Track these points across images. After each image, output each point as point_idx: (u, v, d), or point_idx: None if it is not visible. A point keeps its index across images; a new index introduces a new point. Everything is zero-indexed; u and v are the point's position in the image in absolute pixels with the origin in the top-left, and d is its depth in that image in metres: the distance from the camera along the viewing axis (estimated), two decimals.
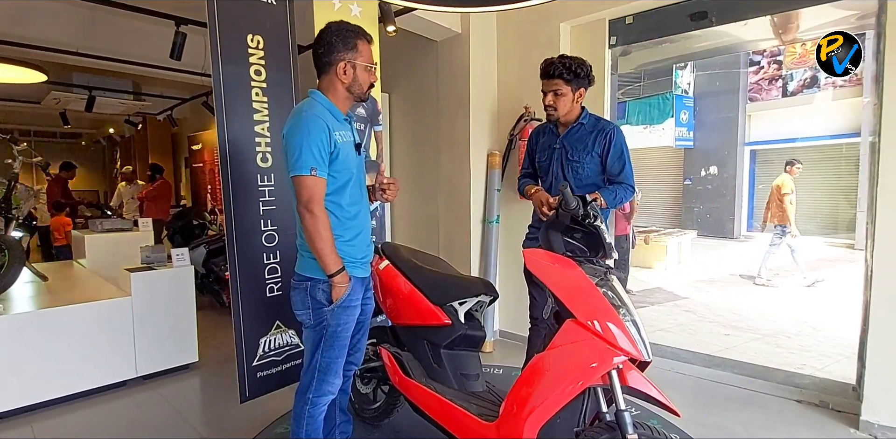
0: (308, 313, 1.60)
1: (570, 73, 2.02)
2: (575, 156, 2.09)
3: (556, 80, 2.03)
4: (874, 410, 2.19)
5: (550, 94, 2.07)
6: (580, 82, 2.05)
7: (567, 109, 2.08)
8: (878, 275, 2.18)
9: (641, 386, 1.40)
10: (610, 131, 2.06)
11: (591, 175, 2.09)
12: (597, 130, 2.09)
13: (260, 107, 2.32)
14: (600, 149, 2.06)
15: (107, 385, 2.71)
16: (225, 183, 2.21)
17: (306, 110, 1.53)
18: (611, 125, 2.11)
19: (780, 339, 3.68)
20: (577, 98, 2.08)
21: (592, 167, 2.09)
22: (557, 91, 2.04)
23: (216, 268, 4.19)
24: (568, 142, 2.12)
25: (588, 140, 2.08)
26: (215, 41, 2.15)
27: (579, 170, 2.09)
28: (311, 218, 1.49)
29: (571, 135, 2.13)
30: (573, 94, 2.06)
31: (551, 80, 2.05)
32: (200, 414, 2.54)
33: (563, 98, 2.05)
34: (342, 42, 1.56)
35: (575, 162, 2.09)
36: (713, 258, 7.85)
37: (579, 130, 2.12)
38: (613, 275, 1.56)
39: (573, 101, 2.07)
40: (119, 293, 2.85)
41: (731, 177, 10.23)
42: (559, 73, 2.02)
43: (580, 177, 2.09)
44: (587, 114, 2.14)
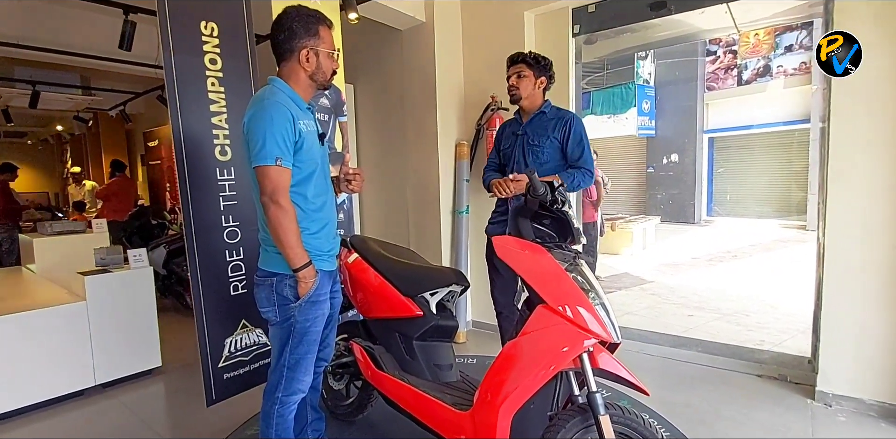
0: (274, 310, 1.54)
1: (533, 60, 2.22)
2: (536, 140, 2.24)
3: (520, 64, 2.22)
4: (828, 381, 2.31)
5: (514, 76, 2.23)
6: (541, 70, 2.23)
7: (529, 91, 2.24)
8: (829, 253, 2.29)
9: (612, 368, 1.42)
10: (569, 119, 2.22)
11: (550, 159, 2.23)
12: (557, 118, 2.25)
13: (216, 97, 2.22)
14: (560, 135, 2.21)
15: (63, 395, 2.57)
16: (182, 178, 2.11)
17: (268, 98, 1.47)
18: (570, 114, 2.27)
19: (739, 318, 3.84)
20: (538, 84, 2.24)
21: (552, 152, 2.23)
22: (521, 73, 2.22)
23: (178, 269, 4.03)
24: (530, 129, 2.28)
25: (549, 126, 2.24)
26: (166, 29, 2.04)
27: (539, 153, 2.23)
28: (277, 209, 1.43)
29: (534, 123, 2.28)
30: (535, 79, 2.23)
31: (516, 65, 2.24)
32: (165, 420, 2.45)
33: (525, 79, 2.22)
34: (304, 28, 1.50)
35: (536, 146, 2.24)
36: (676, 242, 8.12)
37: (541, 118, 2.27)
38: (582, 259, 1.58)
39: (535, 86, 2.24)
40: (73, 298, 2.70)
41: (691, 164, 10.59)
42: (523, 58, 2.23)
43: (540, 161, 2.24)
44: (549, 105, 2.30)
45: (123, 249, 3.12)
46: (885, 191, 2.14)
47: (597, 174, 4.99)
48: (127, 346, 2.79)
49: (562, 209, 1.57)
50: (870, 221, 2.17)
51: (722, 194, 10.81)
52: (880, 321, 2.18)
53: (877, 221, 2.16)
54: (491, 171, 2.45)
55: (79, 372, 2.62)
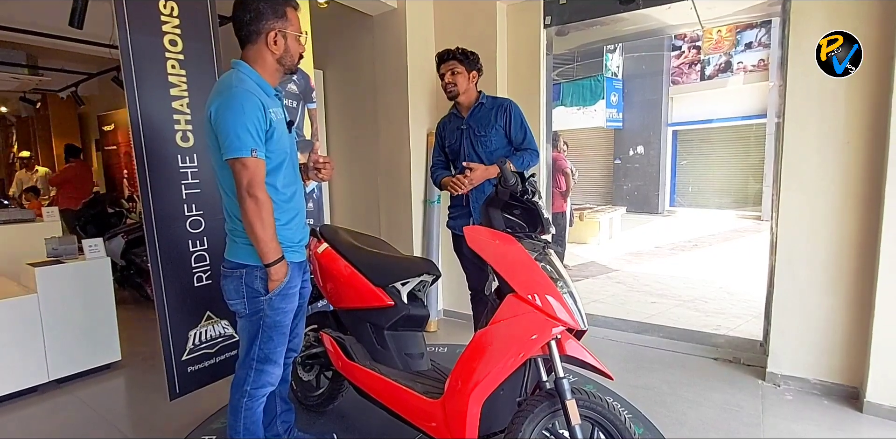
0: (243, 302, 1.51)
1: (462, 55, 2.30)
2: (481, 131, 2.31)
3: (452, 61, 2.30)
4: (778, 363, 2.46)
5: (448, 73, 2.31)
6: (472, 65, 2.32)
7: (465, 87, 2.32)
8: (781, 242, 2.41)
9: (578, 354, 1.47)
10: (508, 106, 2.32)
11: (498, 147, 2.31)
12: (496, 106, 2.33)
13: (177, 81, 2.12)
14: (503, 122, 2.30)
15: (13, 392, 2.45)
16: (140, 166, 2.01)
17: (236, 85, 1.40)
18: (507, 101, 2.36)
19: (699, 304, 4.02)
20: (471, 78, 2.33)
21: (498, 139, 2.31)
22: (454, 70, 2.30)
23: (137, 260, 3.88)
24: (473, 121, 2.34)
25: (490, 116, 2.31)
26: (121, 6, 1.93)
27: (487, 143, 2.31)
28: (255, 203, 1.38)
29: (475, 115, 2.35)
30: (468, 74, 2.31)
31: (448, 62, 2.31)
32: (126, 415, 2.37)
33: (459, 76, 2.30)
34: (271, 9, 1.44)
35: (482, 136, 2.31)
36: (640, 232, 8.38)
37: (480, 109, 2.35)
38: (551, 249, 1.61)
39: (469, 80, 2.32)
40: (22, 291, 2.56)
41: (655, 156, 10.89)
42: (452, 55, 2.31)
43: (490, 150, 2.31)
44: (484, 95, 2.38)
45: (78, 239, 2.97)
46: (832, 185, 2.26)
47: (565, 165, 5.11)
48: (83, 340, 2.67)
49: (532, 199, 1.59)
50: (817, 214, 2.30)
51: (684, 186, 11.20)
52: (823, 306, 2.32)
53: (823, 214, 2.29)
54: (440, 170, 2.47)
55: (31, 368, 2.50)
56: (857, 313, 2.24)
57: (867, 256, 2.19)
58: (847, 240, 2.25)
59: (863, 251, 2.21)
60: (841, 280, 2.28)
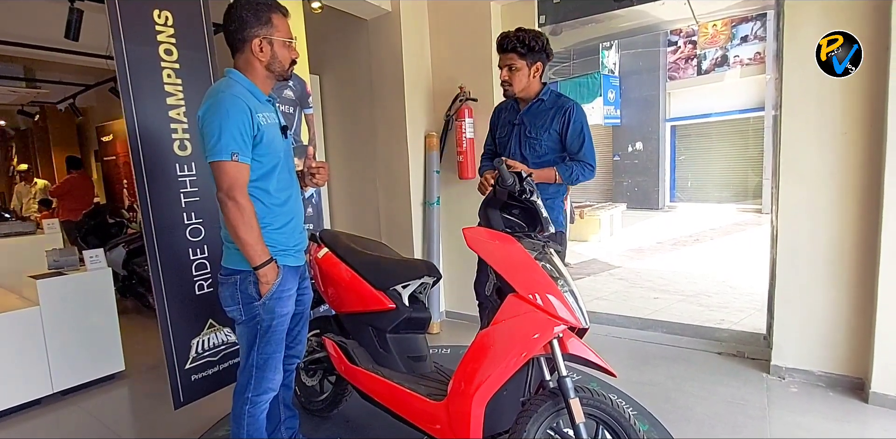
0: (239, 309, 1.51)
1: (525, 47, 1.95)
2: (533, 132, 2.05)
3: (511, 54, 1.97)
4: (782, 355, 2.45)
5: (505, 69, 2.01)
6: (536, 56, 1.98)
7: (523, 85, 2.02)
8: (782, 234, 2.41)
9: (581, 352, 1.46)
10: (569, 108, 2.01)
11: (548, 152, 2.06)
12: (556, 107, 2.03)
13: (173, 90, 2.13)
14: (559, 127, 2.02)
15: (17, 405, 2.45)
16: (139, 175, 2.02)
17: (224, 90, 1.41)
18: (571, 102, 2.05)
19: (702, 299, 4.01)
20: (533, 73, 2.01)
21: (550, 144, 2.04)
22: (512, 65, 1.99)
23: (139, 269, 3.88)
24: (527, 119, 2.07)
25: (547, 117, 2.03)
26: (115, 17, 1.93)
27: (536, 146, 2.06)
28: (234, 206, 1.39)
29: (531, 112, 2.07)
30: (529, 69, 2.00)
31: (506, 55, 1.99)
32: (131, 425, 2.38)
33: (518, 73, 1.99)
34: (254, 16, 1.45)
35: (532, 139, 2.06)
36: (641, 228, 8.37)
37: (539, 106, 2.07)
38: (551, 248, 1.60)
39: (529, 76, 2.01)
40: (24, 303, 2.56)
41: (654, 152, 10.89)
42: (512, 46, 1.96)
43: (538, 154, 2.06)
44: (548, 91, 2.08)
45: (79, 250, 2.98)
46: (831, 178, 2.26)
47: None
48: (86, 351, 2.68)
49: (530, 198, 1.59)
50: (817, 205, 2.30)
51: (684, 181, 11.20)
52: (826, 298, 2.32)
53: (823, 205, 2.28)
54: (486, 160, 2.29)
55: (35, 380, 2.50)
56: (860, 304, 2.24)
57: (868, 247, 2.19)
58: (848, 230, 2.24)
59: (864, 241, 2.20)
60: (843, 271, 2.27)
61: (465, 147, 3.23)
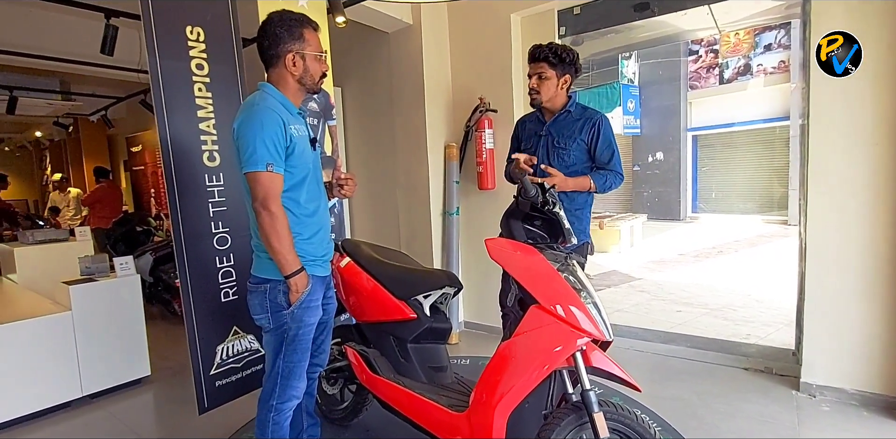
0: (267, 317, 1.54)
1: (556, 57, 2.00)
2: (561, 142, 2.07)
3: (542, 63, 2.02)
4: (812, 372, 2.37)
5: (535, 77, 2.04)
6: (565, 68, 2.03)
7: (551, 94, 2.05)
8: (811, 247, 2.35)
9: (604, 366, 1.45)
10: (598, 120, 2.05)
11: (577, 162, 2.08)
12: (584, 118, 2.07)
13: (204, 103, 2.20)
14: (587, 137, 2.05)
15: (49, 408, 2.52)
16: (170, 185, 2.08)
17: (258, 103, 1.47)
18: (598, 114, 2.08)
19: (726, 312, 3.91)
20: (561, 84, 2.05)
21: (578, 154, 2.07)
22: (542, 74, 2.02)
23: (165, 276, 3.98)
24: (555, 130, 2.10)
25: (575, 127, 2.06)
26: (150, 34, 2.02)
27: (565, 156, 2.07)
28: (269, 216, 1.43)
29: (558, 123, 2.10)
30: (558, 80, 2.03)
31: (537, 64, 2.03)
32: (156, 429, 2.42)
33: (547, 82, 2.03)
34: (287, 32, 1.50)
35: (561, 149, 2.07)
36: (663, 239, 8.23)
37: (566, 118, 2.10)
38: (574, 259, 1.60)
39: (557, 87, 2.05)
40: (57, 308, 2.65)
41: (676, 162, 10.74)
42: (544, 55, 2.00)
43: (566, 164, 2.07)
44: (574, 103, 2.11)
45: (109, 257, 3.07)
46: (862, 188, 2.20)
47: None
48: (115, 356, 2.75)
49: (552, 210, 1.59)
50: (847, 216, 2.24)
51: (706, 191, 10.99)
52: (858, 313, 2.24)
53: (854, 217, 2.22)
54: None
55: (65, 384, 2.57)
56: (894, 318, 2.16)
57: None
58: (881, 242, 2.18)
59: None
60: (876, 284, 2.20)
61: (485, 157, 3.25)
